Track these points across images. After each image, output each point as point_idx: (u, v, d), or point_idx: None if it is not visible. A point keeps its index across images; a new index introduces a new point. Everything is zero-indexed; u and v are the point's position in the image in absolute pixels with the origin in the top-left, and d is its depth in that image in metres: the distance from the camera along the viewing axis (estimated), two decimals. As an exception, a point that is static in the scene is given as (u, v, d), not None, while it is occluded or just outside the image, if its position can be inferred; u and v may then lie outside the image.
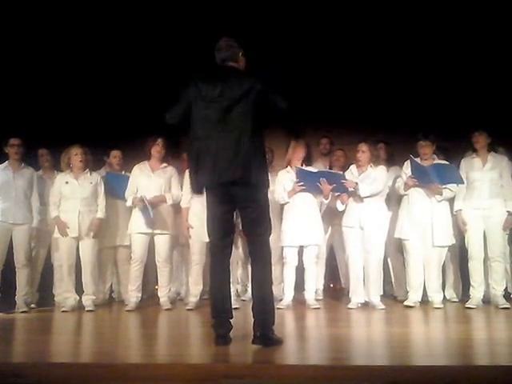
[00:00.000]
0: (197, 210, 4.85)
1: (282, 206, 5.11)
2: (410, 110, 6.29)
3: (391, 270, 5.41)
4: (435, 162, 4.91)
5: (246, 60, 3.44)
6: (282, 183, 5.01)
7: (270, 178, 3.38)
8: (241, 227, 3.44)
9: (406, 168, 5.01)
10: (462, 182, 4.84)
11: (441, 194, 4.86)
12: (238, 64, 3.39)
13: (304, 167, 4.99)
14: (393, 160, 5.47)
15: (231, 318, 3.28)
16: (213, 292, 3.36)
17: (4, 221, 5.05)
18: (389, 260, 5.32)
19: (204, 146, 3.22)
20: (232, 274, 3.56)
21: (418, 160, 4.92)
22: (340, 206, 4.98)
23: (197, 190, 3.34)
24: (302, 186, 4.88)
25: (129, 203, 5.08)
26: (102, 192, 5.17)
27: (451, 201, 4.97)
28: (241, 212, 3.30)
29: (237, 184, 3.18)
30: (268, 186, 3.36)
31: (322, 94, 6.45)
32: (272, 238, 3.40)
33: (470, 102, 6.15)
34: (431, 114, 6.16)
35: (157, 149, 5.08)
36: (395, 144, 5.66)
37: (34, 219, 5.16)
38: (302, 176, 4.91)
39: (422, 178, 4.84)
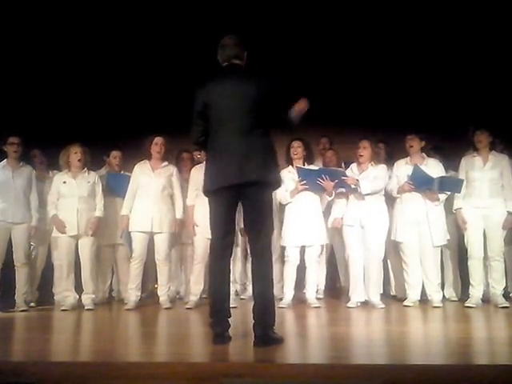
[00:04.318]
0: (202, 208, 4.84)
1: (282, 205, 5.11)
2: (409, 110, 6.30)
3: (390, 269, 5.41)
4: (425, 161, 4.94)
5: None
6: (283, 183, 5.00)
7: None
8: (242, 225, 3.43)
9: (397, 170, 5.03)
10: (459, 192, 4.88)
11: (438, 200, 4.88)
12: (243, 63, 3.38)
13: (305, 166, 5.00)
14: (392, 160, 5.47)
15: (229, 316, 3.28)
16: (212, 291, 3.36)
17: (3, 220, 5.04)
18: (388, 259, 5.32)
19: (216, 148, 3.24)
20: (232, 274, 3.56)
21: (405, 161, 4.98)
22: (328, 197, 4.99)
23: (207, 190, 3.31)
24: (304, 184, 4.89)
25: (124, 212, 5.06)
26: (99, 191, 5.18)
27: (446, 199, 4.98)
28: (245, 210, 3.28)
29: (247, 185, 3.18)
30: (280, 185, 3.39)
31: (322, 93, 6.45)
32: (272, 237, 3.41)
33: (469, 101, 6.16)
34: (430, 114, 6.17)
35: (156, 149, 5.07)
36: (394, 144, 5.66)
37: (32, 217, 5.15)
38: (303, 175, 4.91)
39: (421, 185, 4.85)
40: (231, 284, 3.54)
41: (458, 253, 5.30)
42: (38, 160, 5.61)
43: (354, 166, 5.05)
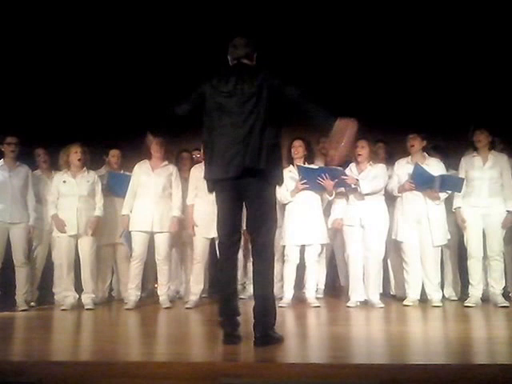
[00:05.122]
0: (201, 207, 4.85)
1: (282, 205, 5.11)
2: (409, 110, 6.29)
3: (390, 269, 5.41)
4: (427, 160, 4.94)
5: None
6: (284, 183, 5.00)
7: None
8: (245, 226, 3.43)
9: (398, 169, 5.03)
10: (460, 191, 4.88)
11: (438, 199, 4.88)
12: (252, 64, 3.42)
13: (306, 165, 5.01)
14: (392, 159, 5.47)
15: (238, 315, 3.28)
16: (220, 289, 3.37)
17: (1, 220, 5.03)
18: (388, 258, 5.33)
19: (215, 139, 3.25)
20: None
21: (406, 160, 4.98)
22: (328, 196, 5.00)
23: (210, 184, 3.33)
24: (305, 184, 4.90)
25: (125, 212, 5.07)
26: (99, 190, 5.18)
27: (446, 199, 4.98)
28: (247, 207, 3.29)
29: (247, 175, 3.17)
30: (282, 182, 3.39)
31: (323, 93, 6.44)
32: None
33: (469, 101, 6.15)
34: (430, 113, 6.16)
35: (156, 148, 5.08)
36: (394, 143, 5.66)
37: (30, 217, 5.15)
38: (304, 174, 4.92)
39: (422, 183, 4.85)
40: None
41: (457, 252, 5.30)
42: (41, 159, 5.61)
43: (352, 165, 5.05)
